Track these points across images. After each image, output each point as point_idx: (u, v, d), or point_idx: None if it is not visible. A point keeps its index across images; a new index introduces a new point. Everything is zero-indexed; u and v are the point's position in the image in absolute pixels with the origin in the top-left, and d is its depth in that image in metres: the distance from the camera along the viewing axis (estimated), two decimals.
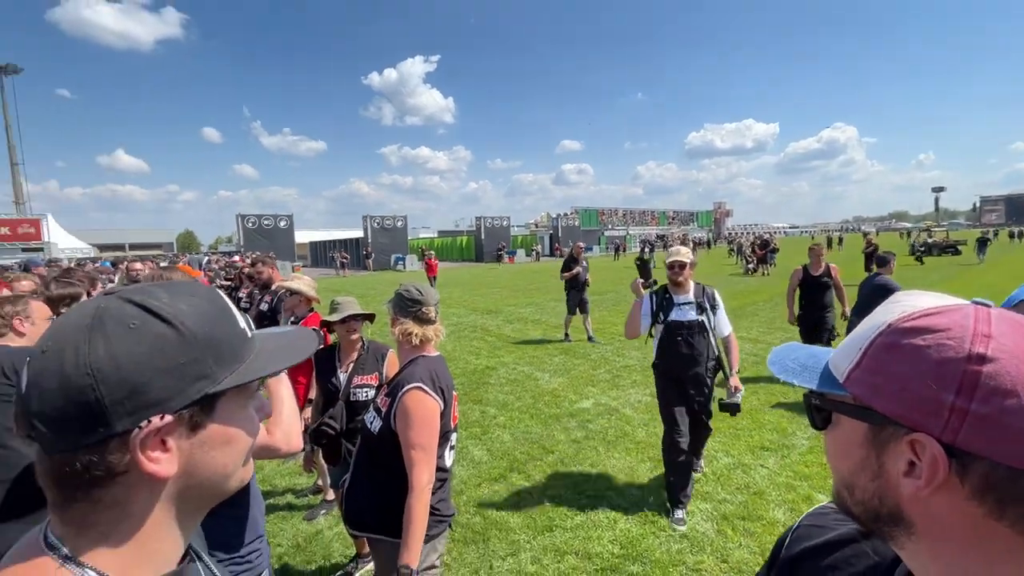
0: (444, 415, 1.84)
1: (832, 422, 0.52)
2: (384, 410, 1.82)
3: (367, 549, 3.02)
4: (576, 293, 8.71)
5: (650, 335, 3.57)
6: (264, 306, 4.81)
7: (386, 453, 1.79)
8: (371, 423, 1.88)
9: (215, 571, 0.64)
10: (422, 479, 1.71)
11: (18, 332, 2.20)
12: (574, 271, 8.68)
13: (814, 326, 5.99)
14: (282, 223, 33.00)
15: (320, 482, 3.81)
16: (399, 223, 36.59)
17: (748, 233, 69.08)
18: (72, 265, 10.23)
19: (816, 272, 6.00)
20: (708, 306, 3.42)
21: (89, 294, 3.41)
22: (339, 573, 2.97)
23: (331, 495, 3.67)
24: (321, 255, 40.06)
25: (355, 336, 2.78)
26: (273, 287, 4.96)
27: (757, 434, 4.66)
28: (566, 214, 49.31)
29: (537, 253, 40.62)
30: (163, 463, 0.50)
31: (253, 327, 0.62)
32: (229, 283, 10.21)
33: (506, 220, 42.97)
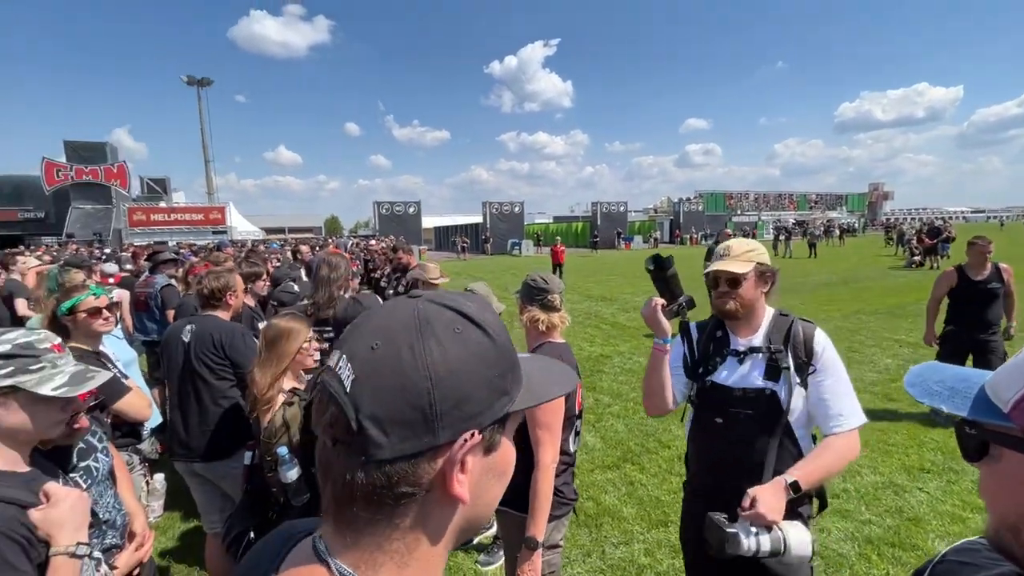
0: (569, 399, 1.91)
1: (990, 455, 0.47)
2: None
3: None
4: None
5: (690, 401, 1.80)
6: (400, 287, 5.31)
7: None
8: None
9: None
10: (547, 457, 1.79)
11: (227, 305, 2.71)
12: None
13: (972, 350, 4.42)
14: (411, 209, 35.70)
15: None
16: (516, 209, 37.43)
17: (913, 219, 58.98)
18: (252, 246, 12.11)
19: (978, 275, 4.40)
20: (792, 362, 1.62)
21: (268, 272, 4.07)
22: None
23: None
24: (444, 239, 42.66)
25: None
26: (408, 272, 5.45)
27: (915, 453, 4.07)
28: (689, 198, 46.49)
29: (655, 240, 39.00)
30: (464, 485, 0.46)
31: None
32: (367, 263, 11.37)
33: (623, 205, 41.79)
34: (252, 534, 1.82)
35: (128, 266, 8.86)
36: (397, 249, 5.91)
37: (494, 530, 3.18)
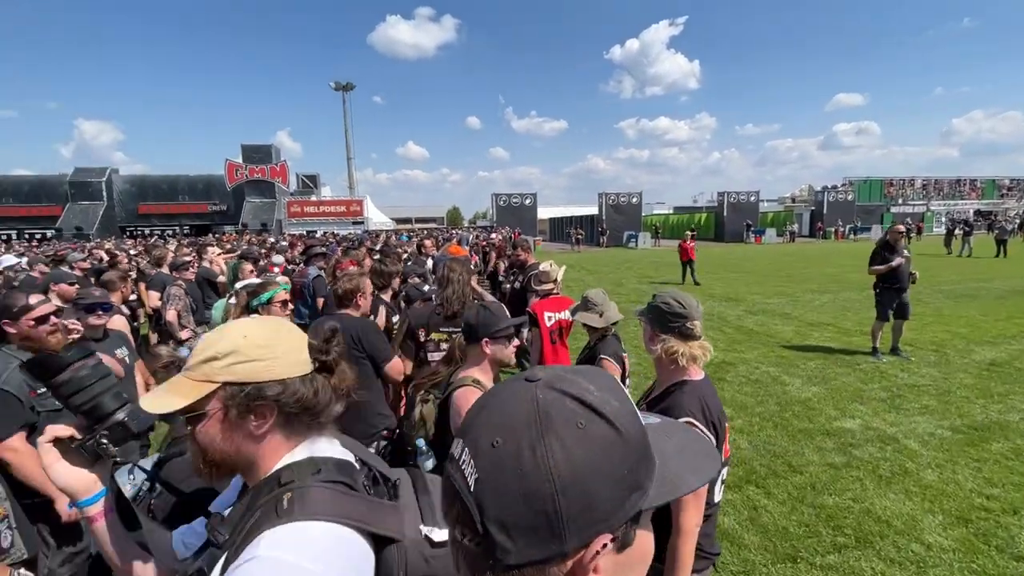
0: (717, 449, 1.75)
1: None
2: None
3: None
4: (893, 294, 6.56)
5: None
6: (517, 284, 5.46)
7: None
8: None
9: None
10: (690, 522, 1.58)
11: (356, 305, 3.02)
12: (894, 263, 6.47)
13: None
14: (527, 201, 36.35)
15: None
16: (633, 199, 36.21)
17: None
18: (386, 241, 13.25)
19: None
20: None
21: (400, 271, 4.44)
22: None
23: None
24: (559, 230, 42.83)
25: (590, 333, 2.93)
26: (526, 268, 5.57)
27: None
28: (835, 186, 41.10)
29: (792, 233, 35.10)
30: None
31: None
32: (485, 255, 11.83)
33: (754, 195, 38.23)
34: None
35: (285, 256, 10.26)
36: (517, 247, 6.05)
37: None
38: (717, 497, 1.79)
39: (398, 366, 2.94)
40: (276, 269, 6.88)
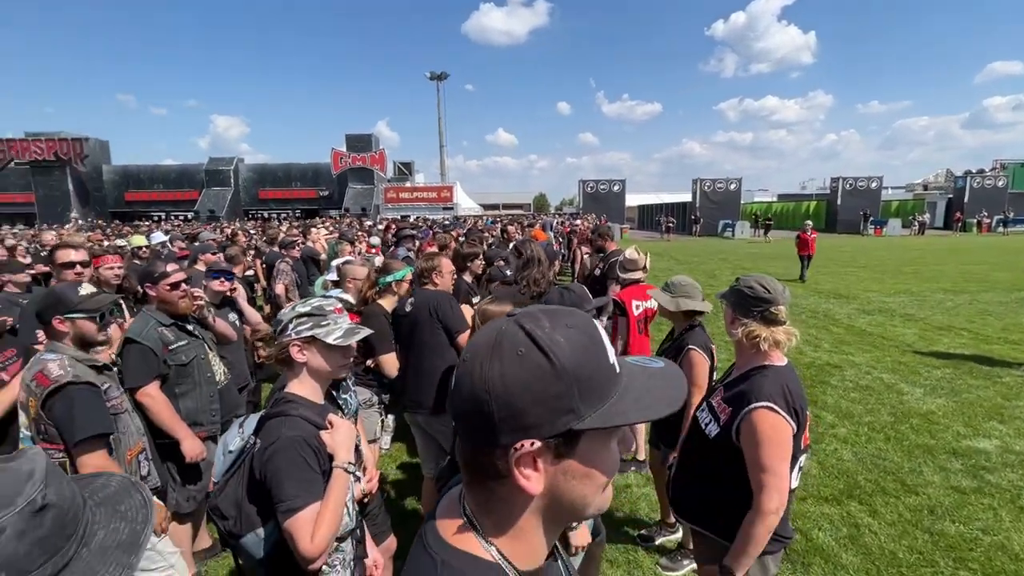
0: (796, 437, 1.65)
1: None
2: (724, 418, 1.75)
3: (672, 519, 3.12)
4: None
5: None
6: (597, 271, 5.34)
7: (720, 461, 1.74)
8: (705, 424, 1.83)
9: (570, 569, 0.73)
10: (771, 504, 1.59)
11: (433, 283, 3.12)
12: None
13: None
14: (615, 187, 35.32)
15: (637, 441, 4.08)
16: (731, 186, 33.80)
17: None
18: (473, 225, 13.58)
19: None
20: None
21: (481, 254, 4.52)
22: (640, 531, 3.16)
23: (643, 455, 3.91)
24: (647, 218, 41.21)
25: (676, 322, 2.77)
26: (609, 255, 5.43)
27: None
28: (982, 170, 35.33)
29: (922, 224, 30.73)
30: (532, 480, 0.55)
31: (619, 360, 0.60)
32: (570, 241, 11.73)
33: (876, 180, 34.00)
34: None
35: (378, 239, 10.90)
36: (598, 233, 5.92)
37: (679, 535, 3.04)
38: (794, 483, 1.74)
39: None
40: (373, 250, 7.35)
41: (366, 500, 1.94)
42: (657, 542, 3.06)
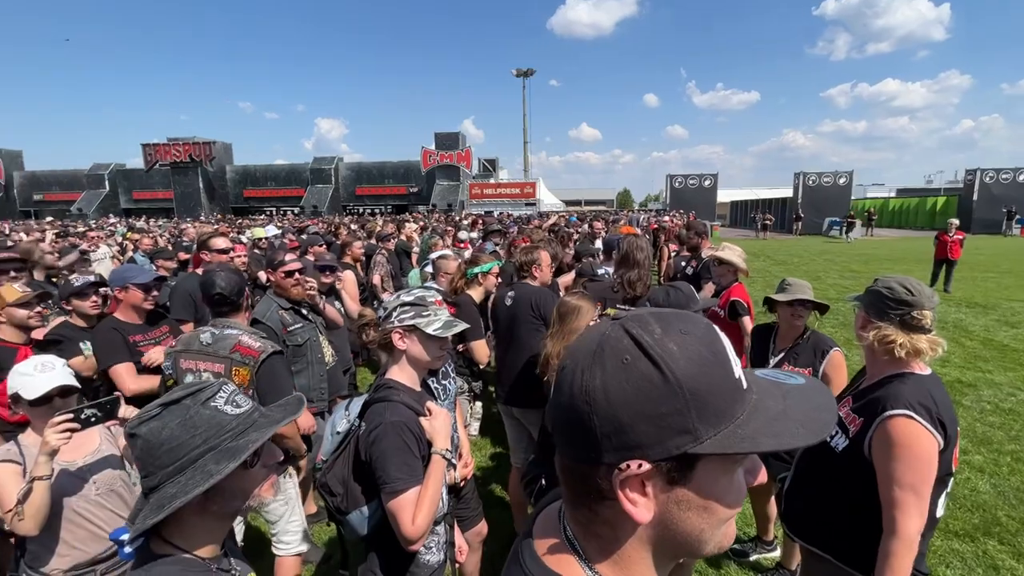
0: (944, 454, 1.47)
1: None
2: (853, 430, 1.59)
3: (770, 536, 2.93)
4: None
5: None
6: (689, 270, 5.10)
7: (848, 477, 1.59)
8: (830, 435, 1.70)
9: None
10: (909, 527, 1.41)
11: (533, 276, 3.16)
12: None
13: None
14: (706, 182, 33.57)
15: None
16: (841, 180, 30.65)
17: None
18: (556, 222, 13.53)
19: None
20: None
21: (565, 252, 4.51)
22: (734, 546, 2.99)
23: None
24: (741, 215, 38.63)
25: (799, 323, 2.57)
26: (704, 253, 5.17)
27: None
28: None
29: None
30: (640, 506, 0.49)
31: (746, 374, 0.52)
32: (656, 238, 11.33)
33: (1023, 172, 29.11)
34: (544, 481, 2.11)
35: (466, 234, 11.23)
36: (690, 229, 5.66)
37: (776, 554, 2.84)
38: (940, 511, 1.55)
39: None
40: (462, 244, 7.60)
41: (460, 485, 2.01)
42: (752, 558, 2.88)
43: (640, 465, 0.47)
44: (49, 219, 29.06)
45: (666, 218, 17.59)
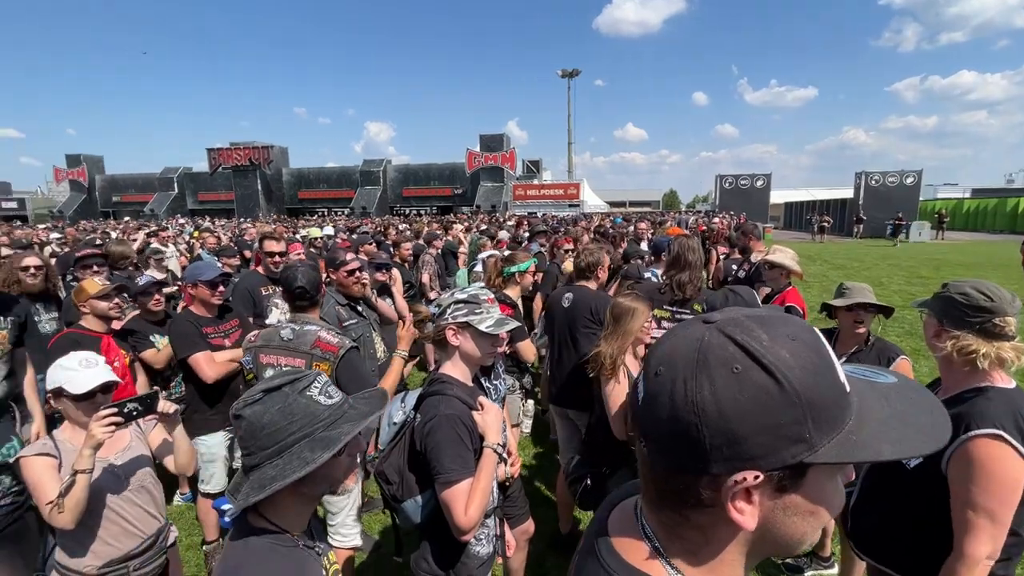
0: None
1: None
2: None
3: (827, 552, 2.81)
4: None
5: None
6: (741, 273, 4.95)
7: (920, 494, 1.53)
8: None
9: None
10: (978, 551, 1.35)
11: (596, 278, 3.18)
12: None
13: None
14: (758, 183, 32.31)
15: None
16: (907, 179, 28.69)
17: None
18: (599, 223, 13.41)
19: None
20: None
21: (612, 252, 4.47)
22: (786, 560, 2.89)
23: None
24: (796, 217, 36.91)
25: (861, 329, 2.45)
26: (753, 256, 5.01)
27: None
28: None
29: None
30: (746, 515, 0.49)
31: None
32: (704, 240, 11.01)
33: None
34: (589, 481, 2.12)
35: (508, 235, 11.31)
36: (742, 231, 5.48)
37: (834, 571, 2.73)
38: None
39: None
40: (500, 244, 7.68)
41: (508, 483, 2.04)
42: (807, 575, 2.78)
43: (756, 477, 0.47)
44: (126, 219, 31.39)
45: (716, 220, 17.03)
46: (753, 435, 0.46)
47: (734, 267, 5.11)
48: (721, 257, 7.30)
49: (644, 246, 6.16)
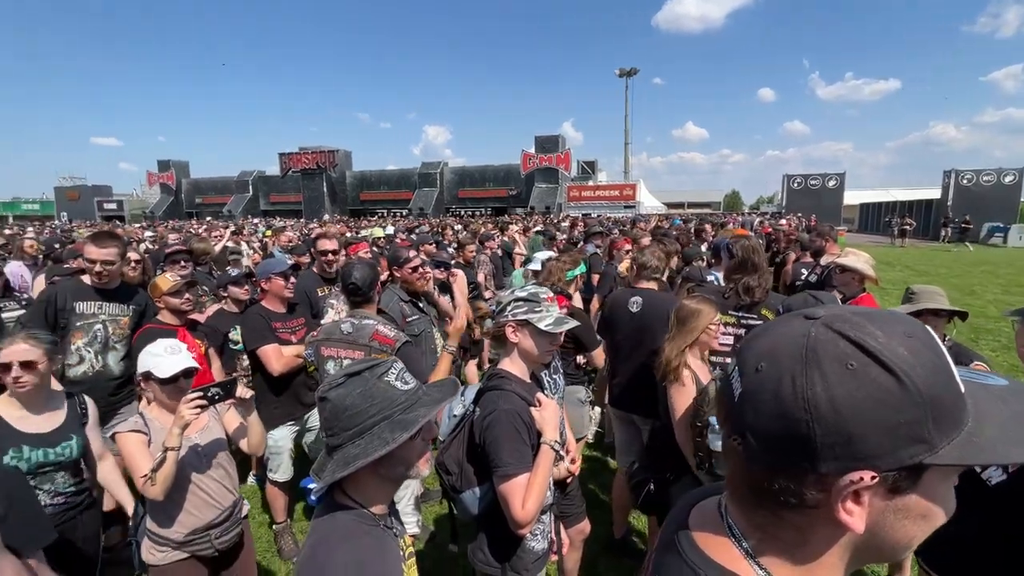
0: None
1: None
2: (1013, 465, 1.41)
3: (906, 574, 2.61)
4: None
5: None
6: (812, 277, 4.68)
7: (1004, 515, 1.42)
8: (980, 467, 1.49)
9: None
10: None
11: (657, 279, 3.13)
12: None
13: None
14: (831, 182, 30.50)
15: None
16: (1007, 178, 25.95)
17: None
18: (658, 224, 13.13)
19: None
20: None
21: (681, 252, 4.37)
22: None
23: None
24: (872, 219, 34.28)
25: None
26: (823, 260, 4.72)
27: None
28: None
29: None
30: (855, 516, 0.47)
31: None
32: (770, 243, 10.47)
33: None
34: (652, 486, 2.08)
35: (564, 235, 11.27)
36: (813, 231, 5.18)
37: None
38: None
39: None
40: (556, 245, 7.68)
41: (568, 480, 2.04)
42: None
43: (873, 477, 0.46)
44: (208, 218, 33.95)
45: (783, 221, 16.15)
46: (870, 434, 0.45)
47: (804, 271, 4.85)
48: (791, 260, 6.95)
49: (704, 248, 5.95)
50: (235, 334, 3.35)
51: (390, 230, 10.08)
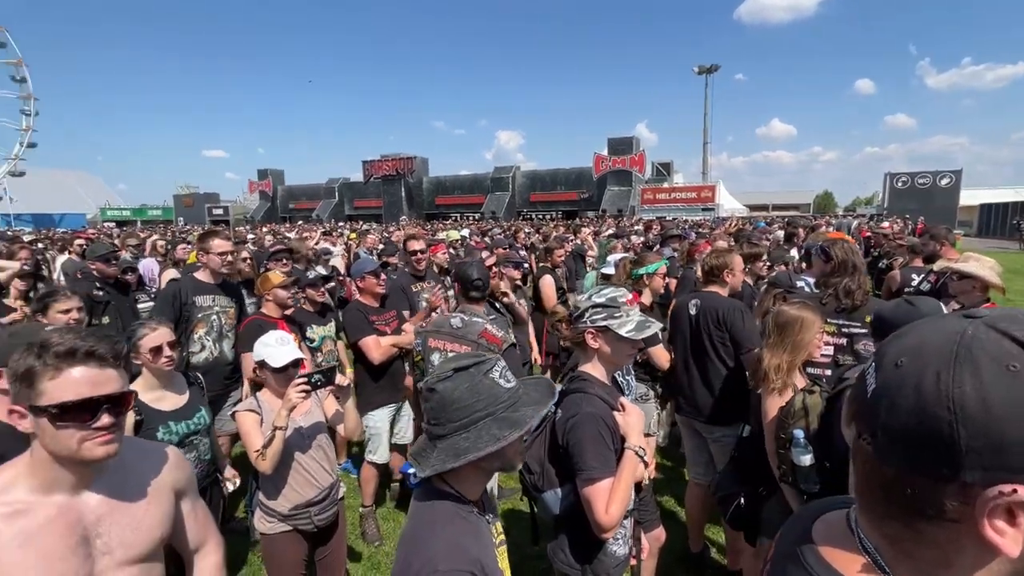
0: None
1: None
2: None
3: None
4: None
5: None
6: (925, 285, 4.22)
7: None
8: None
9: None
10: None
11: (723, 282, 2.90)
12: None
13: None
14: (943, 180, 27.42)
15: None
16: None
17: None
18: (739, 227, 12.47)
19: None
20: None
21: (769, 254, 4.13)
22: None
23: None
24: (995, 221, 30.20)
25: None
26: (937, 265, 4.25)
27: None
28: None
29: None
30: (1007, 537, 0.42)
31: None
32: (869, 247, 9.60)
33: None
34: (743, 500, 1.98)
35: (640, 238, 11.00)
36: (930, 233, 4.68)
37: None
38: None
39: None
40: (633, 247, 7.52)
41: (643, 485, 2.01)
42: None
43: (1012, 489, 0.41)
44: (299, 222, 36.75)
45: (884, 224, 14.69)
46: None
47: (915, 277, 4.39)
48: (899, 266, 6.32)
49: (793, 252, 5.57)
50: (311, 332, 3.59)
51: (464, 232, 10.38)
